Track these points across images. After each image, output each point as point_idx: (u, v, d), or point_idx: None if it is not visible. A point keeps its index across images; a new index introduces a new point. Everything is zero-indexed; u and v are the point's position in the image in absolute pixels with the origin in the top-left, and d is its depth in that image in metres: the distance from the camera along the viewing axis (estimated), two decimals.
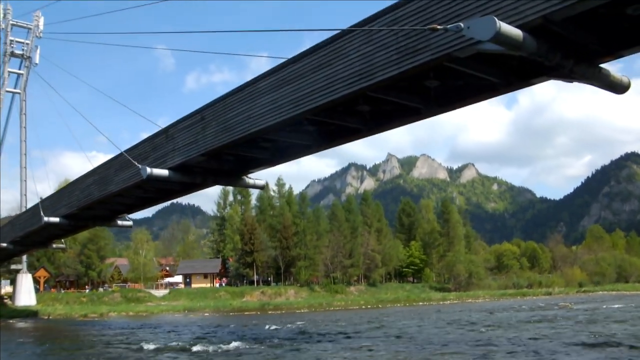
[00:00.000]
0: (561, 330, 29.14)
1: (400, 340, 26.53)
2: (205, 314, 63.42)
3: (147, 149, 25.64)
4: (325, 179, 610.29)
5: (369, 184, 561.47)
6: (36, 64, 63.03)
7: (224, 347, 24.71)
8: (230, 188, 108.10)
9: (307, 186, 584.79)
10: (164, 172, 23.67)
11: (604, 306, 52.64)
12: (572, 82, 14.43)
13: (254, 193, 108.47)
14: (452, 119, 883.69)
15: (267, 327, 37.81)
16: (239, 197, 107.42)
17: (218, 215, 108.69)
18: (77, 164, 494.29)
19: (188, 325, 42.59)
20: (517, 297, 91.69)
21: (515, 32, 10.66)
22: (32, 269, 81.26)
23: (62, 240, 54.46)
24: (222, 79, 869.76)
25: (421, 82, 15.44)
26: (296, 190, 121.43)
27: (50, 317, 59.21)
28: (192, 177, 24.61)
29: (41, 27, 62.72)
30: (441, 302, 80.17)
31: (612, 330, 27.72)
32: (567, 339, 24.67)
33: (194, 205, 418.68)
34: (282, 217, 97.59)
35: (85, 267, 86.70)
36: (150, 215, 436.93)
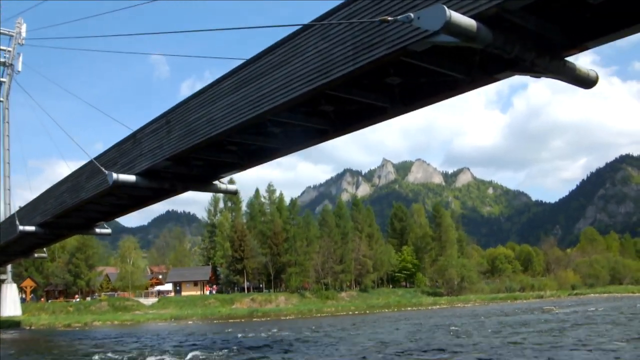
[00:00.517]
0: (532, 334, 28.69)
1: (365, 347, 26.00)
2: (189, 323, 62.44)
3: (115, 155, 25.09)
4: (320, 185, 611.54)
5: (364, 189, 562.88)
6: (19, 71, 62.24)
7: (178, 356, 24.40)
8: (220, 195, 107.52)
9: (303, 192, 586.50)
10: (131, 177, 23.07)
11: (588, 309, 51.62)
12: (539, 77, 13.90)
13: (245, 199, 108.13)
14: (447, 124, 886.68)
15: (239, 335, 37.30)
16: (229, 204, 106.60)
17: (209, 222, 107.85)
18: None
19: (164, 334, 41.81)
20: (508, 300, 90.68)
21: (468, 21, 10.08)
22: (20, 279, 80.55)
23: (44, 249, 53.64)
24: None
25: (383, 80, 14.89)
26: (291, 197, 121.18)
27: (33, 328, 58.27)
28: (160, 182, 23.90)
29: (23, 34, 62.04)
30: (429, 307, 79.19)
31: (582, 334, 27.17)
32: (532, 343, 24.24)
33: (189, 213, 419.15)
34: (272, 223, 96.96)
35: (73, 276, 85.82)
36: (145, 224, 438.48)
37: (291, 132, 19.50)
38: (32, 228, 36.11)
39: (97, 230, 39.00)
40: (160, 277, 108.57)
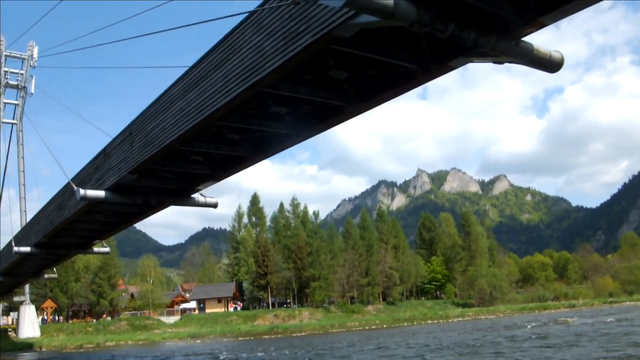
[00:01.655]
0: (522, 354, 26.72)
1: None
2: (197, 341, 61.37)
3: (91, 171, 24.33)
4: (356, 197, 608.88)
5: (400, 200, 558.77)
6: (31, 93, 62.62)
7: None
8: (244, 210, 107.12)
9: (338, 205, 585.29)
10: (100, 193, 22.19)
11: (609, 320, 47.24)
12: (501, 63, 12.36)
13: (268, 214, 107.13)
14: (481, 131, 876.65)
15: (222, 356, 36.25)
16: (253, 219, 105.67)
17: (233, 238, 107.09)
18: None
19: (162, 355, 40.94)
20: (536, 311, 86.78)
21: None
22: (44, 299, 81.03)
23: (54, 269, 53.28)
24: None
25: (326, 74, 13.43)
26: (327, 210, 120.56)
27: (44, 350, 57.85)
28: (132, 197, 22.87)
29: (35, 57, 62.39)
30: (452, 320, 76.05)
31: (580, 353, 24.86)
32: None
33: (225, 229, 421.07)
34: (296, 237, 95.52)
35: (97, 296, 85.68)
36: (182, 241, 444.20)
37: (251, 139, 18.22)
38: (27, 249, 35.76)
39: (95, 249, 38.46)
40: (188, 294, 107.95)
